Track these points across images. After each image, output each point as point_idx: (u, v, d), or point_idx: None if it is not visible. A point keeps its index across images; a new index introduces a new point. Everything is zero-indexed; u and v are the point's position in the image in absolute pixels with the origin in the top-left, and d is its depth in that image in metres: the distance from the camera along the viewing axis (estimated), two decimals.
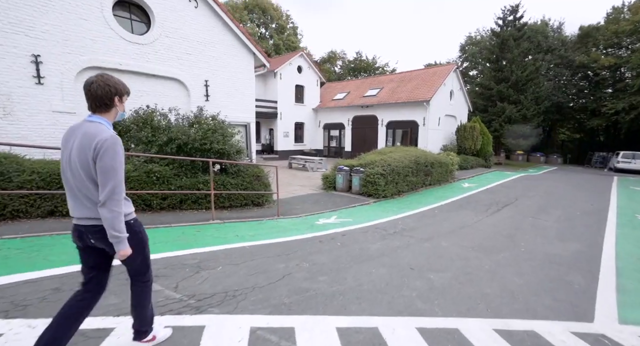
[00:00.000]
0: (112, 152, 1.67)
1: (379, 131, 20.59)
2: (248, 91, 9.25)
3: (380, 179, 9.67)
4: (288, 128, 23.03)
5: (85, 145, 1.68)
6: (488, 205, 9.27)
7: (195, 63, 7.99)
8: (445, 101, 19.26)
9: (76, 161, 1.70)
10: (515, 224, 7.17)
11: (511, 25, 25.13)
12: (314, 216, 7.46)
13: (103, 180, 1.67)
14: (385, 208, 8.64)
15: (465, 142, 18.82)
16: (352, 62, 44.30)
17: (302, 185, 12.26)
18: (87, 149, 1.67)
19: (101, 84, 1.75)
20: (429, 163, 11.85)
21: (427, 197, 10.40)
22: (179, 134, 5.72)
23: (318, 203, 8.91)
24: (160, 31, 7.25)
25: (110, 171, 1.67)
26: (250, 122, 9.23)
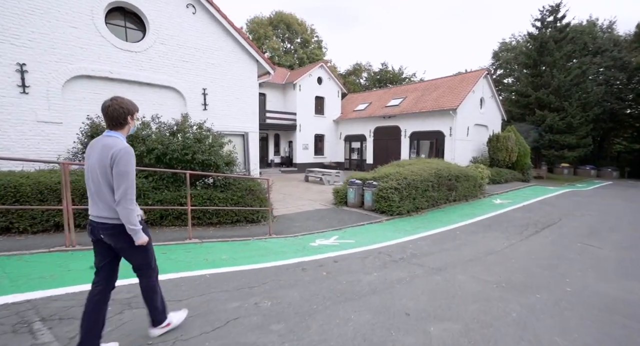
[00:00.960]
0: (125, 159, 2.04)
1: (401, 142, 19.40)
2: (250, 100, 8.77)
3: (394, 194, 8.62)
4: (307, 141, 22.52)
5: (104, 155, 2.04)
6: (523, 226, 7.85)
7: (193, 71, 7.67)
8: (474, 109, 17.77)
9: (96, 168, 2.06)
10: (557, 252, 5.80)
11: (551, 27, 23.18)
12: (312, 236, 6.59)
13: (118, 183, 2.03)
14: (398, 228, 7.56)
15: (498, 154, 17.08)
16: (378, 73, 43.55)
17: (312, 199, 11.47)
18: (105, 158, 2.03)
19: (116, 107, 2.14)
20: (453, 176, 10.57)
21: (450, 215, 9.13)
22: (155, 143, 5.23)
23: (322, 221, 8.04)
24: (155, 38, 7.00)
25: (123, 175, 2.03)
26: (249, 131, 8.70)
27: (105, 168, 2.04)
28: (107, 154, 2.03)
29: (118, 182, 2.03)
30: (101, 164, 2.05)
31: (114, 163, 2.02)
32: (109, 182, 2.05)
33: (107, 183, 2.06)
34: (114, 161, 2.02)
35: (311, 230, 6.99)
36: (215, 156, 5.94)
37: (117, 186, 2.03)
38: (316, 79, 22.54)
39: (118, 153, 2.02)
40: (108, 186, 2.06)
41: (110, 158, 2.02)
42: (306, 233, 6.72)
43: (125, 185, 2.04)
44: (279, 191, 13.34)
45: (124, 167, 2.03)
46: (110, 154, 2.02)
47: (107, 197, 2.08)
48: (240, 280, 3.80)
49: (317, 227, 7.31)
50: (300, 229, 7.08)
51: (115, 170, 2.02)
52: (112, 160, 2.02)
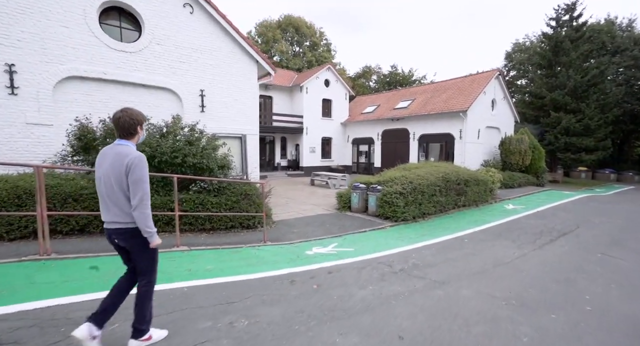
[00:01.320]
0: (140, 167, 2.14)
1: (410, 145, 18.91)
2: (250, 101, 8.54)
3: (398, 199, 8.22)
4: (314, 144, 22.24)
5: (118, 163, 2.12)
6: (537, 234, 7.33)
7: (190, 72, 7.49)
8: (485, 111, 17.16)
9: (110, 176, 2.13)
10: (575, 263, 5.31)
11: (567, 26, 22.37)
12: (309, 243, 6.26)
13: (134, 189, 2.12)
14: (402, 235, 7.15)
15: (510, 157, 16.40)
16: (388, 76, 43.08)
17: (316, 204, 11.14)
18: (120, 166, 2.11)
19: (127, 118, 2.21)
20: (462, 180, 10.07)
21: (458, 221, 8.65)
22: (142, 146, 5.01)
23: (323, 227, 7.70)
24: (151, 38, 6.85)
25: (139, 182, 2.13)
26: (247, 134, 8.46)
27: (121, 176, 2.13)
28: (122, 162, 2.13)
29: (134, 189, 2.13)
30: (116, 172, 2.14)
31: (129, 171, 2.12)
32: (123, 188, 2.15)
33: (121, 190, 2.16)
34: (129, 169, 2.12)
35: (309, 237, 6.66)
36: (207, 159, 5.70)
37: (134, 193, 2.14)
38: (323, 81, 22.30)
39: (133, 161, 2.12)
40: (122, 192, 2.16)
41: (125, 167, 2.12)
42: (303, 241, 6.40)
43: (141, 191, 2.15)
44: (283, 195, 13.07)
45: (139, 174, 2.14)
46: (125, 162, 2.12)
47: (121, 202, 2.18)
48: (220, 294, 3.50)
49: (316, 234, 6.98)
50: (298, 236, 6.76)
51: (131, 177, 2.12)
52: (127, 168, 2.12)
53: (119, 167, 2.12)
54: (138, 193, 2.13)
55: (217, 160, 5.96)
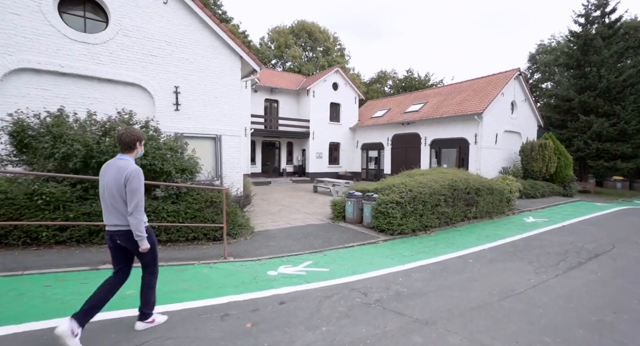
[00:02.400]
0: (136, 178, 2.53)
1: (421, 151, 17.68)
2: (232, 99, 7.83)
3: (394, 209, 7.19)
4: (321, 149, 21.40)
5: (119, 175, 2.52)
6: (561, 255, 6.09)
7: (163, 66, 6.88)
8: (504, 114, 15.74)
9: (112, 185, 2.52)
10: (612, 297, 4.12)
11: (598, 22, 20.57)
12: (279, 260, 5.36)
13: (130, 197, 2.51)
14: (395, 252, 6.11)
15: (533, 164, 14.85)
16: (403, 80, 41.87)
17: (311, 212, 10.25)
18: (120, 178, 2.51)
19: (129, 135, 2.66)
20: (472, 189, 8.87)
21: (466, 236, 7.47)
22: (75, 144, 4.34)
23: (305, 240, 6.78)
24: (117, 29, 6.30)
25: (135, 191, 2.51)
26: (226, 134, 7.71)
27: (120, 186, 2.49)
28: (122, 174, 2.48)
29: (131, 197, 2.48)
30: (117, 182, 2.49)
31: (127, 181, 2.47)
32: (122, 196, 2.50)
33: (121, 197, 2.51)
34: (127, 180, 2.47)
35: (283, 253, 5.76)
36: (162, 161, 4.96)
37: (130, 200, 2.48)
38: (331, 84, 21.54)
39: (131, 174, 2.48)
40: (122, 199, 2.51)
41: (124, 178, 2.47)
42: (274, 257, 5.50)
43: (136, 199, 2.50)
44: (279, 202, 12.27)
45: (135, 185, 2.49)
46: (124, 174, 2.48)
47: (122, 208, 2.53)
48: (114, 335, 2.65)
49: (294, 248, 6.07)
50: (272, 251, 5.87)
51: (129, 187, 2.47)
52: (125, 179, 2.47)
53: (119, 178, 2.49)
54: (134, 200, 2.50)
55: (175, 162, 5.22)
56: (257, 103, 20.21)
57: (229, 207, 6.03)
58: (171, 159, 5.16)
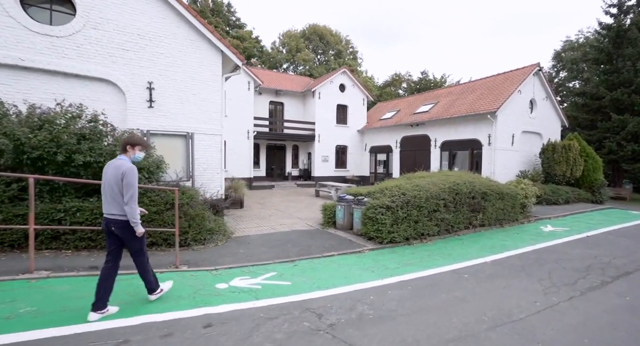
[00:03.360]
0: (131, 175, 3.09)
1: (431, 154, 16.65)
2: (212, 96, 7.36)
3: (384, 215, 6.42)
4: (327, 152, 20.74)
5: (117, 172, 3.07)
6: (580, 271, 5.12)
7: (135, 61, 6.50)
8: (522, 113, 14.51)
9: (111, 180, 3.09)
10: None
11: (633, 12, 18.87)
12: (240, 270, 4.73)
13: (126, 190, 3.05)
14: (378, 264, 5.35)
15: (555, 167, 13.52)
16: (418, 82, 40.68)
17: (303, 217, 9.62)
18: (118, 173, 3.06)
19: (124, 139, 3.33)
20: (478, 193, 7.93)
21: (468, 246, 6.57)
22: (2, 137, 3.92)
23: (282, 247, 6.14)
24: (85, 21, 5.97)
25: (129, 185, 3.06)
26: (201, 132, 7.21)
27: (118, 181, 3.07)
28: (119, 171, 3.07)
29: (126, 190, 3.06)
30: (115, 178, 3.08)
31: (123, 177, 3.05)
32: (120, 189, 3.07)
33: (118, 190, 3.08)
34: (123, 175, 3.05)
35: (249, 262, 5.13)
36: (110, 158, 4.48)
37: (126, 192, 3.06)
38: (338, 85, 20.92)
39: (125, 171, 3.07)
40: (119, 192, 3.08)
41: (121, 174, 3.06)
42: (235, 266, 4.88)
43: (130, 192, 3.07)
44: (274, 206, 11.71)
45: (130, 180, 3.07)
46: (121, 171, 3.07)
47: (119, 199, 3.08)
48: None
49: (264, 257, 5.43)
50: (238, 259, 5.26)
51: (124, 182, 3.06)
52: (122, 175, 3.06)
53: (117, 174, 3.06)
54: (129, 192, 3.05)
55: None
56: (261, 106, 19.90)
57: (195, 210, 5.48)
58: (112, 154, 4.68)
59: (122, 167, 3.07)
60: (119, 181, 3.03)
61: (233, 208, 11.13)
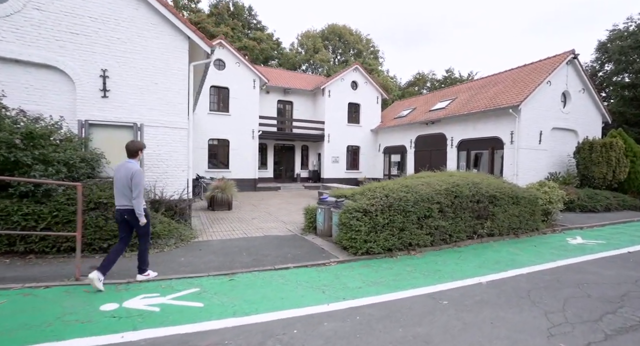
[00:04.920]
0: (138, 175, 3.75)
1: (447, 153, 15.09)
2: (178, 86, 6.69)
3: (360, 221, 5.37)
4: (338, 153, 19.71)
5: (127, 173, 3.74)
6: (608, 302, 3.79)
7: (87, 46, 5.97)
8: (552, 108, 12.64)
9: (123, 179, 3.74)
10: None
11: None
12: (154, 285, 3.94)
13: (134, 187, 3.71)
14: (338, 281, 4.33)
15: (593, 169, 11.55)
16: (442, 81, 38.53)
17: (288, 221, 8.78)
18: (128, 174, 3.73)
19: (134, 145, 3.94)
20: (485, 196, 6.60)
21: (465, 261, 5.32)
22: None
23: (234, 256, 5.31)
24: (26, 1, 5.50)
25: (137, 184, 3.73)
26: (165, 126, 6.50)
27: (128, 180, 3.71)
28: (129, 172, 3.72)
29: (134, 187, 3.71)
30: (126, 178, 3.72)
31: (132, 177, 3.70)
32: (129, 186, 3.72)
33: (128, 187, 3.73)
34: (132, 176, 3.70)
35: (178, 273, 4.32)
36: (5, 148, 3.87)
37: (134, 189, 3.71)
38: (349, 83, 19.88)
39: (135, 173, 3.72)
40: (129, 189, 3.73)
41: (130, 175, 3.71)
42: (154, 280, 4.08)
43: (138, 189, 3.72)
44: (266, 209, 10.93)
45: (138, 179, 3.73)
46: (131, 172, 3.72)
47: (128, 194, 3.74)
48: None
49: (202, 268, 4.61)
50: (168, 269, 4.48)
51: (133, 181, 3.70)
52: (131, 175, 3.71)
53: (128, 174, 3.72)
54: (137, 190, 3.71)
55: (35, 150, 4.11)
56: (269, 105, 19.34)
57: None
58: (32, 148, 4.09)
59: (132, 168, 3.75)
60: (129, 180, 3.69)
61: (220, 209, 10.49)
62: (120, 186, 3.73)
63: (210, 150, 16.41)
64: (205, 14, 30.88)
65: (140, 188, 3.70)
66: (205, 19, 29.20)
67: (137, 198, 3.69)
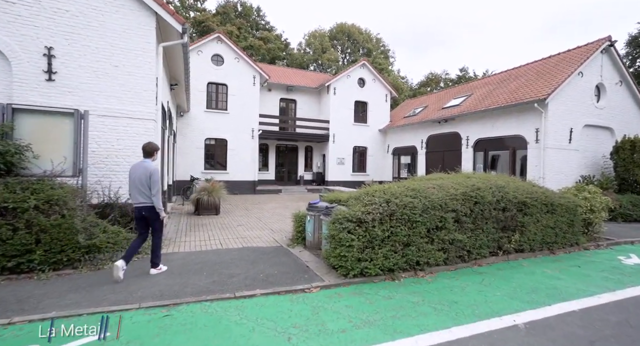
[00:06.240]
0: (156, 174, 4.01)
1: (462, 154, 13.68)
2: (143, 70, 5.67)
3: (352, 233, 4.19)
4: (343, 154, 18.51)
5: (146, 172, 3.98)
6: None
7: (27, 19, 4.89)
8: (583, 102, 11.13)
9: (142, 178, 3.96)
10: None
11: None
12: (34, 326, 2.83)
13: (153, 185, 3.97)
14: (315, 320, 3.16)
15: (636, 171, 9.97)
16: (456, 81, 36.87)
17: (277, 230, 7.70)
18: (146, 173, 3.97)
19: (149, 147, 4.19)
20: (513, 203, 5.29)
21: (489, 288, 4.04)
22: None
23: (189, 277, 4.23)
24: None
25: (156, 182, 3.98)
26: (127, 116, 5.46)
27: (147, 178, 3.95)
28: (147, 171, 3.97)
29: (153, 185, 3.97)
30: (144, 176, 3.95)
31: (150, 175, 3.96)
32: (148, 184, 3.96)
33: (147, 186, 3.96)
34: (150, 174, 3.97)
35: (94, 305, 3.22)
36: None
37: (153, 187, 3.96)
38: (356, 80, 18.71)
39: (153, 171, 3.99)
40: (147, 187, 3.96)
41: (149, 173, 3.97)
42: (36, 318, 2.98)
43: (157, 186, 3.98)
44: (257, 214, 9.85)
45: (156, 178, 3.98)
46: (149, 171, 3.98)
47: (147, 191, 3.97)
48: None
49: (138, 296, 3.52)
50: (89, 298, 3.39)
51: (152, 179, 3.96)
52: (149, 174, 3.96)
53: (146, 173, 3.96)
54: (155, 187, 3.96)
55: None
56: (271, 104, 18.35)
57: (53, 219, 3.71)
58: None
59: (150, 168, 4.01)
60: (148, 178, 3.94)
61: (207, 214, 9.43)
62: (139, 184, 3.94)
63: (207, 150, 15.50)
64: (211, 14, 30.35)
65: (158, 186, 4.02)
66: (210, 17, 28.64)
67: (157, 194, 3.98)
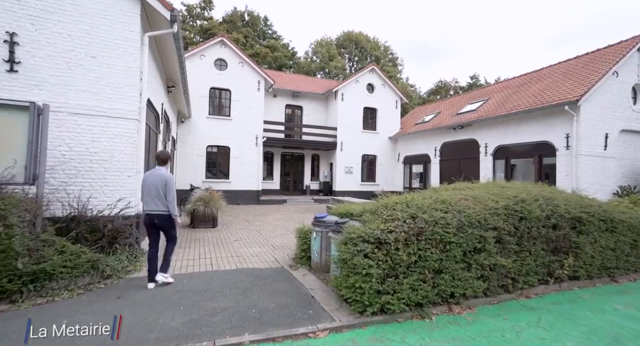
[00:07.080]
0: (171, 181, 4.05)
1: (481, 163, 12.67)
2: (124, 62, 4.93)
3: (369, 258, 3.26)
4: (352, 163, 17.62)
5: (161, 179, 3.99)
6: None
7: None
8: (620, 105, 10.12)
9: (157, 185, 3.96)
10: None
11: None
12: None
13: (168, 192, 3.99)
14: None
15: None
16: (467, 89, 35.97)
17: (279, 246, 6.86)
18: (161, 180, 3.98)
19: (163, 155, 4.27)
20: (566, 219, 4.31)
21: (551, 334, 3.04)
22: None
23: (165, 312, 3.34)
24: None
25: (170, 189, 4.00)
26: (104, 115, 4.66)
27: (162, 185, 3.97)
28: (162, 178, 3.98)
29: (168, 192, 3.98)
30: (160, 184, 3.96)
31: (165, 183, 3.98)
32: (163, 192, 3.96)
33: (162, 193, 3.96)
34: (165, 182, 3.98)
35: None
36: None
37: (168, 194, 3.98)
38: (365, 85, 17.97)
39: (167, 178, 4.00)
40: (162, 194, 3.96)
41: (164, 180, 3.98)
42: None
43: (172, 194, 4.01)
44: (258, 228, 8.97)
45: (171, 185, 4.01)
46: (164, 178, 3.98)
47: (162, 199, 3.97)
48: None
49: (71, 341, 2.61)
50: None
51: (167, 186, 3.98)
52: (164, 181, 3.98)
53: (161, 180, 3.97)
54: (170, 194, 3.99)
55: None
56: (276, 110, 17.68)
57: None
58: None
59: (164, 175, 4.03)
60: (163, 185, 3.96)
61: (203, 226, 8.58)
62: (154, 191, 3.94)
63: (209, 158, 14.78)
64: (218, 22, 30.27)
65: (173, 193, 4.03)
66: (217, 26, 28.50)
67: (172, 201, 3.99)
